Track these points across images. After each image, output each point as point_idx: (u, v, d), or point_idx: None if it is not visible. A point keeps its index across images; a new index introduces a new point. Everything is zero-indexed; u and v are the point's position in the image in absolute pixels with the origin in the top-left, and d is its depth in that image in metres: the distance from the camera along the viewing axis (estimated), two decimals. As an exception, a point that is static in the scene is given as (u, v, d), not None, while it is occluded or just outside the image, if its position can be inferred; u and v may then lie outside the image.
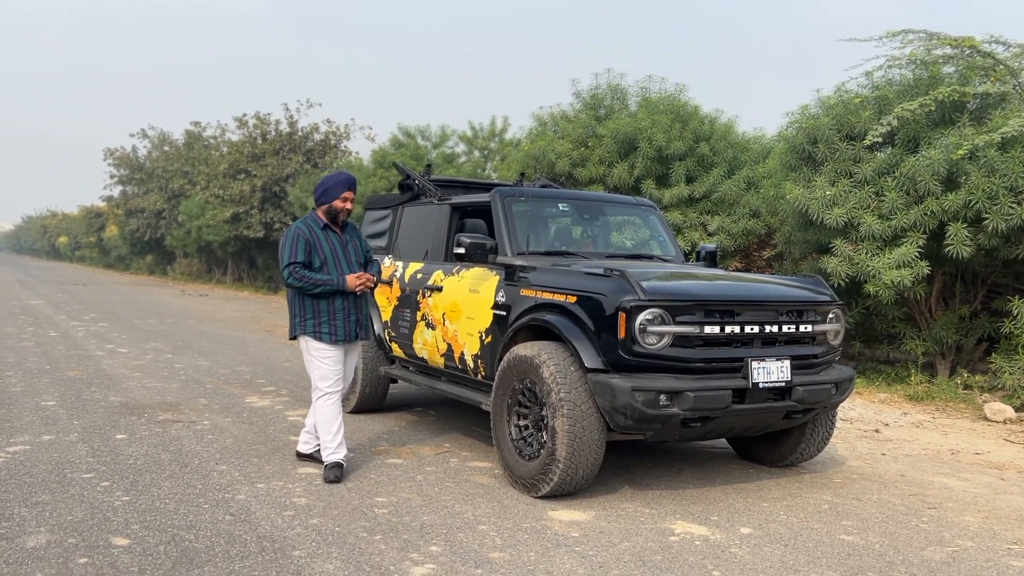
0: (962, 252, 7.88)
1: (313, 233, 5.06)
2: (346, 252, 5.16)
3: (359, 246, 5.27)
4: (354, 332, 5.14)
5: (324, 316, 5.03)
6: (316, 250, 5.04)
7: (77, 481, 4.69)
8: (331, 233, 5.14)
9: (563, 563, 3.69)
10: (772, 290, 4.88)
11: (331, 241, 5.11)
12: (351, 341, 5.16)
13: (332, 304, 5.04)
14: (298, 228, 5.06)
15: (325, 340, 5.02)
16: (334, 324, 5.04)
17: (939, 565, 3.81)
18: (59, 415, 6.43)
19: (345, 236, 5.21)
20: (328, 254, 5.07)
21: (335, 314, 5.05)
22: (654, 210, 6.41)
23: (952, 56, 9.27)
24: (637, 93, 12.83)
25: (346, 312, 5.08)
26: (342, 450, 5.03)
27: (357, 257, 5.22)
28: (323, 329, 5.03)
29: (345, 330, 5.08)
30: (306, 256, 5.00)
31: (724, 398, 4.39)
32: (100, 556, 3.60)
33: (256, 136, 26.46)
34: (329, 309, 5.04)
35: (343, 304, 5.07)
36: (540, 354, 4.62)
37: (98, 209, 47.52)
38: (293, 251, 4.97)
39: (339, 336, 5.06)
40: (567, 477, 4.47)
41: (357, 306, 5.15)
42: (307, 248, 5.01)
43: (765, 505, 4.66)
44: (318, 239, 5.06)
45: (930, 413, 7.73)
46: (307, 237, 5.02)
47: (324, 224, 5.13)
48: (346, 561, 3.64)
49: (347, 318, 5.08)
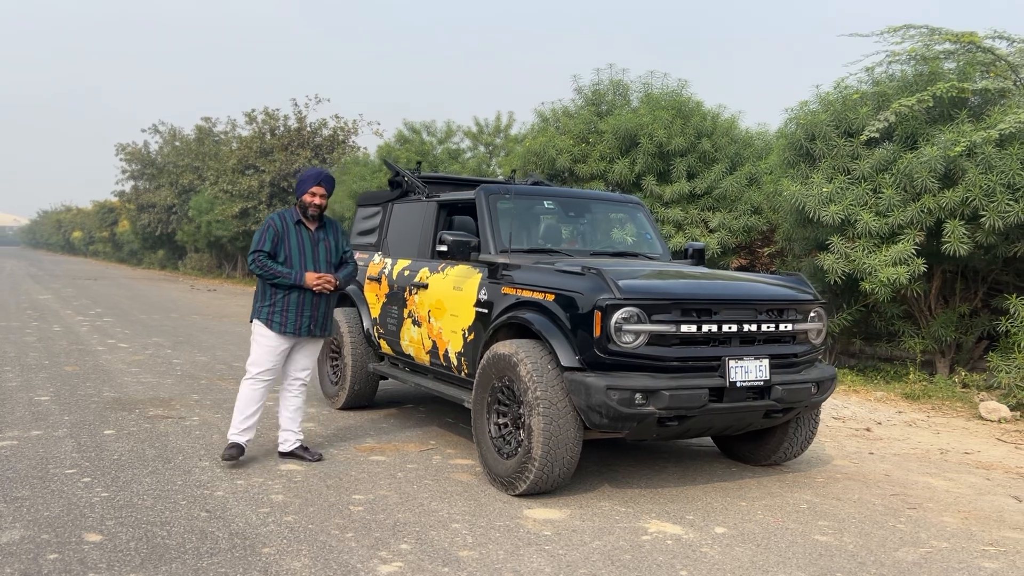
0: (959, 250, 7.81)
1: (285, 226, 5.19)
2: (315, 250, 5.22)
3: (333, 246, 5.31)
4: (306, 328, 5.20)
5: (279, 306, 5.15)
6: (283, 243, 5.15)
7: (59, 477, 4.73)
8: (303, 229, 5.22)
9: (531, 562, 3.69)
10: (751, 289, 4.85)
11: (300, 237, 5.20)
12: (300, 335, 5.21)
13: (288, 297, 5.14)
14: (271, 220, 5.21)
15: (274, 328, 5.16)
16: (286, 315, 5.15)
17: (910, 566, 3.78)
18: (51, 410, 6.48)
19: (319, 234, 5.27)
20: (294, 249, 5.16)
21: (289, 306, 5.15)
22: (641, 207, 6.39)
23: (953, 52, 9.17)
24: (639, 89, 12.79)
25: (300, 307, 5.16)
26: (248, 434, 5.23)
27: (328, 256, 5.27)
28: (275, 318, 5.15)
29: (296, 324, 5.16)
30: (273, 247, 5.13)
31: (700, 397, 4.38)
32: (70, 552, 3.63)
33: (265, 131, 26.57)
34: (284, 301, 5.15)
35: (299, 299, 5.15)
36: (518, 352, 4.62)
37: (111, 204, 47.85)
38: (261, 239, 5.13)
39: (288, 328, 5.15)
40: (543, 475, 4.47)
41: (314, 303, 5.20)
42: (275, 239, 5.14)
43: (743, 504, 4.64)
44: (288, 232, 5.18)
45: (925, 412, 7.67)
46: (277, 229, 5.16)
47: (298, 219, 5.22)
48: (314, 559, 3.65)
49: (300, 313, 5.16)
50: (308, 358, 5.38)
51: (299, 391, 5.38)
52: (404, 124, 19.14)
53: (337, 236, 5.37)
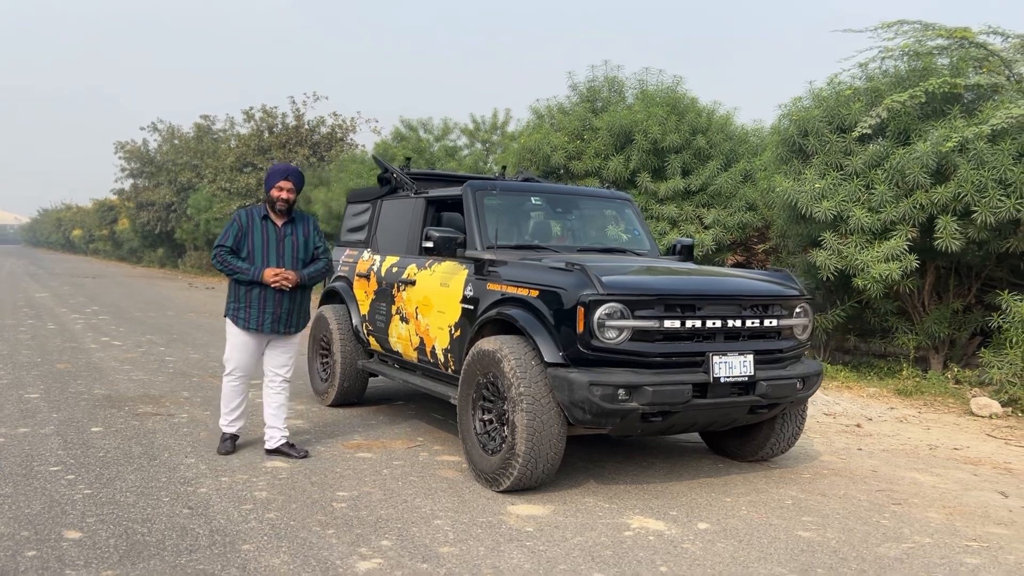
0: (951, 245, 7.80)
1: (251, 221, 5.21)
2: (280, 245, 5.21)
3: (300, 242, 5.28)
4: (268, 325, 5.20)
5: (243, 303, 5.20)
6: (247, 238, 5.17)
7: (43, 474, 4.73)
8: (269, 224, 5.23)
9: (511, 558, 3.69)
10: (735, 284, 4.84)
11: (266, 232, 5.20)
12: (263, 332, 5.22)
13: (250, 293, 5.17)
14: (237, 215, 5.24)
15: (239, 325, 5.21)
16: (249, 312, 5.18)
17: (891, 562, 3.77)
18: (39, 408, 6.48)
19: (286, 229, 5.26)
20: (257, 244, 5.17)
21: (252, 303, 5.18)
22: (630, 203, 6.37)
23: (946, 47, 9.16)
24: (634, 85, 12.77)
25: (262, 304, 5.17)
26: (238, 423, 5.36)
27: (295, 251, 5.25)
28: (239, 315, 5.20)
29: (259, 320, 5.18)
30: (235, 242, 5.15)
31: (684, 392, 4.37)
32: (49, 549, 3.62)
33: (263, 129, 26.56)
34: (247, 297, 5.18)
35: (261, 295, 5.17)
36: (502, 348, 4.61)
37: (110, 202, 47.84)
38: (225, 235, 5.18)
39: (251, 325, 5.18)
40: (527, 471, 4.46)
41: (278, 300, 5.19)
42: (238, 234, 5.16)
43: (728, 500, 4.63)
44: (252, 228, 5.19)
45: (917, 408, 7.66)
46: (242, 224, 5.18)
47: (265, 214, 5.23)
48: (293, 555, 3.65)
49: (262, 310, 5.17)
50: (284, 355, 5.37)
51: (280, 388, 5.37)
52: (401, 121, 19.13)
53: (308, 231, 5.35)
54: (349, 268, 6.98)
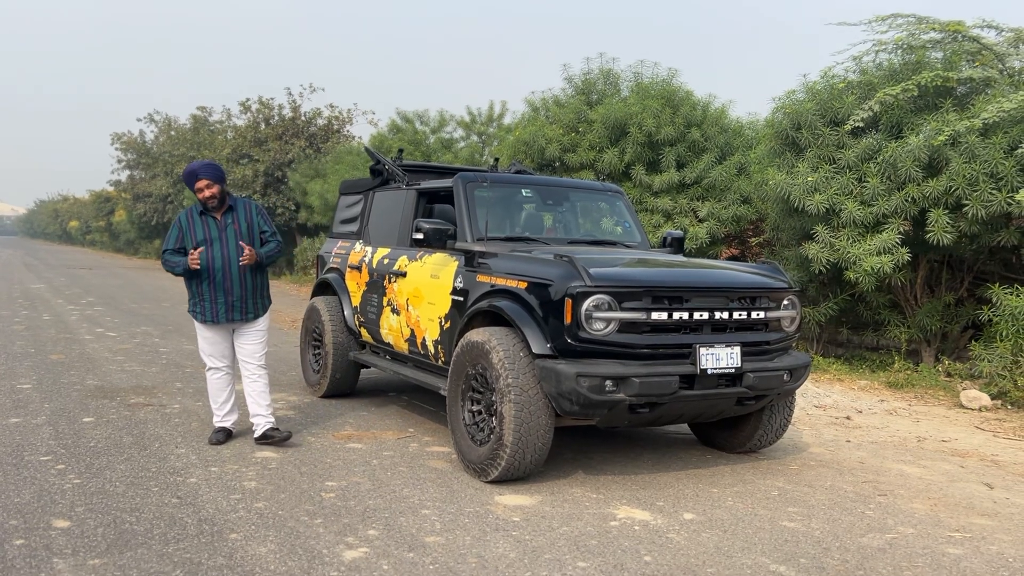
0: (943, 239, 7.81)
1: (190, 220, 5.31)
2: (223, 235, 5.29)
3: (243, 228, 5.34)
4: (224, 314, 5.29)
5: (196, 298, 5.33)
6: (190, 236, 5.27)
7: (33, 463, 4.75)
8: (208, 218, 5.30)
9: (497, 547, 3.71)
10: (723, 276, 4.86)
11: (207, 226, 5.28)
12: (219, 322, 5.31)
13: (200, 287, 5.28)
14: (178, 219, 5.36)
15: (197, 319, 5.34)
16: (203, 305, 5.30)
17: (874, 551, 3.80)
18: (32, 398, 6.49)
19: (226, 219, 5.32)
20: (201, 239, 5.26)
21: (203, 295, 5.29)
22: (620, 195, 6.39)
23: (939, 41, 9.15)
24: (629, 78, 12.75)
25: (213, 295, 5.27)
26: (231, 417, 5.44)
27: (239, 238, 5.31)
28: (196, 309, 5.34)
29: (213, 311, 5.29)
30: (178, 243, 5.27)
31: (671, 384, 4.39)
32: (37, 538, 3.65)
33: (260, 121, 26.49)
34: (198, 291, 5.30)
35: (210, 286, 5.26)
36: (490, 340, 4.63)
37: (107, 194, 47.73)
38: (167, 239, 5.32)
39: (207, 317, 5.29)
40: (514, 462, 4.49)
41: (227, 289, 5.27)
42: (179, 236, 5.28)
43: (714, 491, 4.66)
44: (193, 225, 5.29)
45: (907, 400, 7.70)
46: (182, 225, 5.30)
47: (202, 209, 5.31)
48: (280, 544, 3.67)
49: (214, 300, 5.27)
50: (252, 343, 5.44)
51: (256, 375, 5.43)
52: (397, 113, 19.09)
53: (251, 217, 5.41)
54: (341, 259, 7.00)
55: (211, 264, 5.22)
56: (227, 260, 5.25)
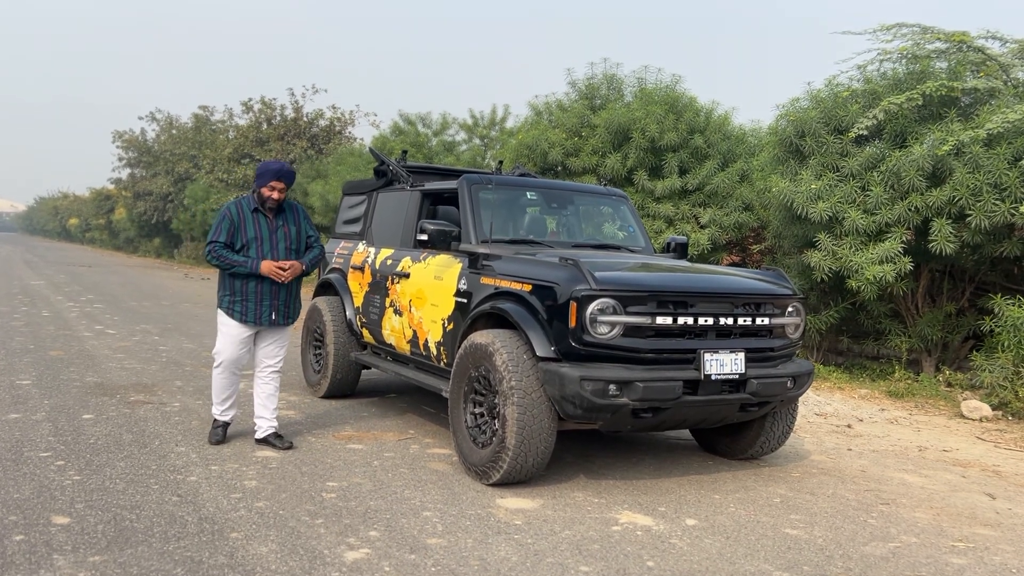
0: (946, 248, 7.82)
1: (241, 215, 5.18)
2: (273, 237, 5.21)
3: (292, 232, 5.29)
4: (267, 317, 5.22)
5: (239, 296, 5.18)
6: (240, 232, 5.15)
7: (33, 460, 4.73)
8: (261, 216, 5.21)
9: (498, 550, 3.70)
10: (728, 282, 4.85)
11: (258, 224, 5.19)
12: (261, 325, 5.22)
13: (246, 286, 5.16)
14: (227, 209, 5.19)
15: (235, 318, 5.20)
16: (246, 305, 5.17)
17: (877, 560, 3.79)
18: (31, 394, 6.47)
19: (277, 221, 5.26)
20: (252, 237, 5.16)
21: (248, 296, 5.17)
22: (625, 200, 6.38)
23: (944, 51, 9.17)
24: (633, 83, 12.76)
25: (259, 296, 5.17)
26: (231, 412, 5.38)
27: (288, 242, 5.26)
28: (235, 308, 5.19)
29: (256, 313, 5.18)
30: (229, 237, 5.13)
31: (675, 389, 4.38)
32: (37, 534, 3.63)
33: (262, 121, 26.51)
34: (243, 290, 5.17)
35: (257, 288, 5.16)
36: (494, 342, 4.62)
37: (107, 191, 47.71)
38: (217, 231, 5.14)
39: (248, 318, 5.18)
40: (517, 465, 4.47)
41: (274, 292, 5.20)
42: (231, 229, 5.14)
43: (717, 497, 4.65)
44: (245, 221, 5.17)
45: (908, 409, 7.69)
46: (233, 219, 5.16)
47: (255, 207, 5.21)
48: (281, 544, 3.65)
49: (259, 302, 5.18)
50: (276, 346, 5.38)
51: (270, 378, 5.39)
52: (400, 115, 19.10)
53: (299, 221, 5.36)
54: (344, 260, 6.98)
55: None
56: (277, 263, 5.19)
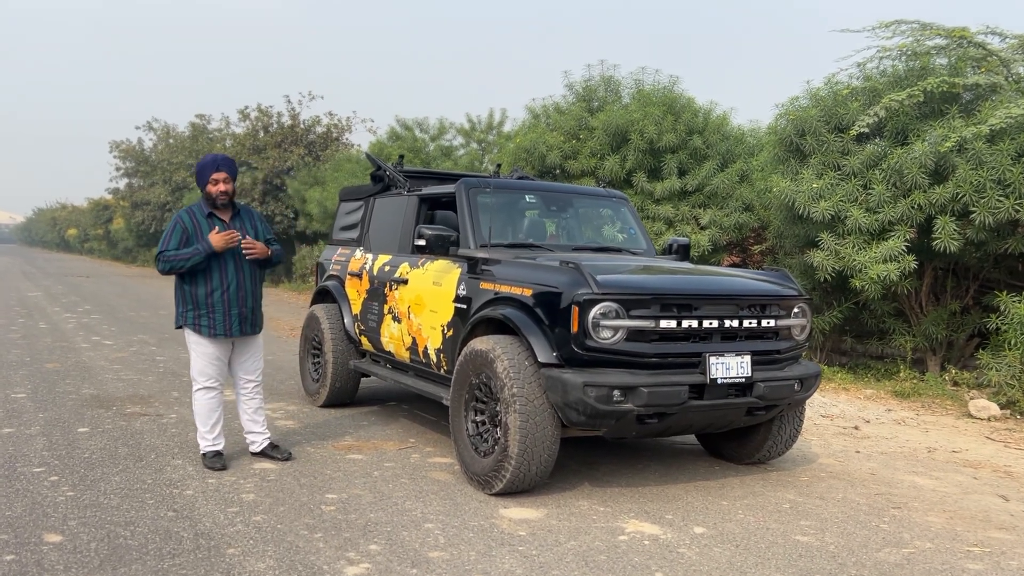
0: (950, 246, 7.73)
1: (195, 222, 4.90)
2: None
3: (250, 235, 5.02)
4: (236, 327, 4.94)
5: (203, 308, 4.88)
6: (196, 238, 4.85)
7: (26, 475, 4.63)
8: (216, 221, 4.94)
9: (503, 563, 3.60)
10: (733, 284, 4.76)
11: (215, 230, 4.89)
12: (232, 336, 4.96)
13: (211, 297, 4.87)
14: (179, 218, 4.92)
15: (204, 333, 4.89)
16: (213, 317, 4.88)
17: (892, 567, 3.69)
18: (26, 407, 6.38)
19: (234, 223, 5.00)
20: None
21: (214, 307, 4.88)
22: (625, 202, 6.29)
23: (944, 47, 9.09)
24: (631, 85, 12.69)
25: (226, 305, 4.89)
26: (221, 441, 5.03)
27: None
28: (202, 322, 4.89)
29: (225, 324, 4.90)
30: (181, 245, 4.83)
31: (680, 394, 4.28)
32: (28, 553, 3.53)
33: (258, 128, 26.42)
34: (207, 302, 4.87)
35: (223, 297, 4.88)
36: (495, 348, 4.52)
37: (105, 202, 47.60)
38: (167, 240, 4.84)
39: (217, 330, 4.90)
40: (520, 474, 4.38)
41: (241, 299, 4.94)
42: (183, 238, 4.84)
43: (724, 504, 4.55)
44: (199, 228, 4.88)
45: (914, 410, 7.59)
46: (185, 227, 4.87)
47: (208, 211, 4.95)
48: (280, 560, 3.56)
49: (227, 311, 4.90)
50: (252, 359, 5.14)
51: (254, 392, 5.16)
52: (396, 121, 19.02)
53: (255, 223, 5.11)
54: (341, 267, 6.89)
55: (223, 271, 4.88)
56: (240, 268, 4.92)
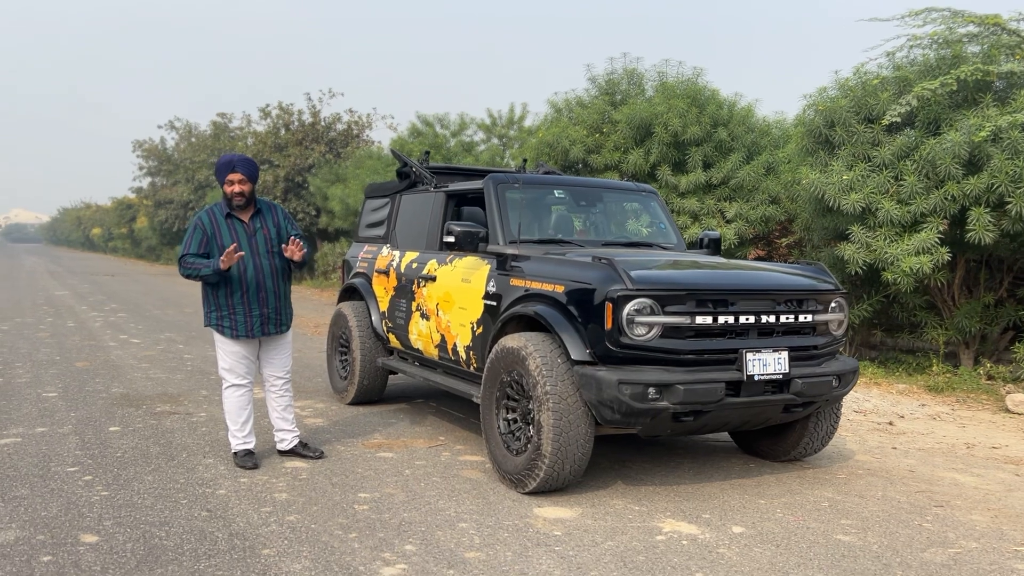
0: (984, 237, 7.58)
1: (215, 223, 4.89)
2: (252, 241, 4.91)
3: (272, 233, 4.98)
4: (258, 328, 4.93)
5: (225, 311, 4.90)
6: (215, 240, 4.85)
7: (60, 475, 4.64)
8: (236, 222, 4.92)
9: (540, 563, 3.55)
10: (770, 278, 4.67)
11: (234, 230, 4.89)
12: (253, 336, 4.95)
13: (231, 299, 4.87)
14: (198, 219, 4.91)
15: (227, 335, 4.91)
16: (235, 319, 4.89)
17: (938, 568, 3.61)
18: (57, 406, 6.41)
19: (254, 223, 4.96)
20: (228, 244, 4.83)
21: (235, 308, 4.88)
22: (655, 196, 6.21)
23: (976, 35, 8.91)
24: (654, 78, 12.57)
25: (247, 307, 4.89)
26: (252, 439, 5.03)
27: (269, 245, 4.96)
28: (224, 323, 4.91)
29: (247, 326, 4.90)
30: (201, 248, 4.84)
31: (717, 391, 4.21)
32: (65, 554, 3.53)
33: (279, 126, 26.52)
34: (229, 304, 4.88)
35: (243, 299, 4.88)
36: (527, 346, 4.47)
37: (129, 200, 48.02)
38: (187, 243, 4.86)
39: (240, 332, 4.90)
40: (553, 473, 4.33)
41: (262, 300, 4.91)
42: (203, 240, 4.84)
43: (762, 502, 4.47)
44: (219, 229, 4.87)
45: (949, 405, 7.46)
46: (205, 229, 4.87)
47: (227, 211, 4.92)
48: (315, 560, 3.53)
49: (248, 313, 4.89)
50: (281, 356, 5.13)
51: (283, 390, 5.15)
52: (417, 117, 19.00)
53: (278, 220, 5.05)
54: (368, 264, 6.87)
55: (243, 273, 4.86)
56: (260, 268, 4.90)
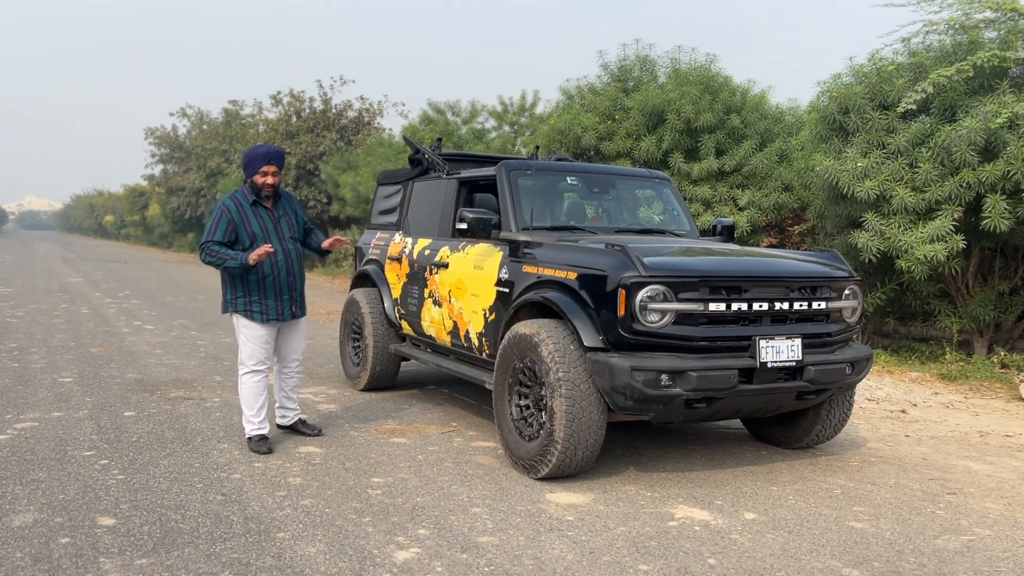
0: (1000, 225, 7.53)
1: (241, 210, 4.94)
2: (278, 227, 5.03)
3: (294, 219, 5.13)
4: (288, 311, 5.05)
5: (255, 295, 4.94)
6: (243, 228, 4.91)
7: (77, 459, 4.69)
8: (261, 208, 4.99)
9: (552, 548, 3.57)
10: (783, 265, 4.66)
11: (260, 217, 4.98)
12: (283, 320, 5.06)
13: (263, 283, 4.94)
14: (224, 206, 4.93)
15: (256, 319, 4.95)
16: (265, 303, 4.96)
17: (951, 555, 3.60)
18: (73, 392, 6.47)
19: (277, 210, 5.06)
20: (258, 231, 4.93)
21: (266, 292, 4.95)
22: (668, 183, 6.19)
23: (993, 20, 8.82)
24: (667, 64, 12.49)
25: (278, 291, 4.98)
26: (266, 424, 5.07)
27: (292, 231, 5.09)
28: (254, 308, 4.95)
29: (278, 310, 5.00)
30: (227, 235, 4.88)
31: (729, 378, 4.21)
32: (83, 536, 3.57)
33: (291, 114, 26.53)
34: (260, 289, 4.94)
35: (275, 283, 4.96)
36: (539, 332, 4.48)
37: (141, 188, 48.22)
38: (212, 229, 4.88)
39: (270, 316, 4.99)
40: (566, 459, 4.34)
41: (291, 284, 5.04)
42: (230, 227, 4.88)
43: (774, 489, 4.48)
44: (246, 216, 4.94)
45: (963, 393, 7.43)
46: (231, 216, 4.91)
47: (253, 199, 4.99)
48: (330, 544, 3.56)
49: (279, 297, 4.99)
50: (298, 339, 5.27)
51: (295, 372, 5.32)
52: (428, 104, 18.96)
53: (295, 208, 5.19)
54: (380, 251, 6.88)
55: (274, 258, 4.94)
56: (288, 254, 5.00)
